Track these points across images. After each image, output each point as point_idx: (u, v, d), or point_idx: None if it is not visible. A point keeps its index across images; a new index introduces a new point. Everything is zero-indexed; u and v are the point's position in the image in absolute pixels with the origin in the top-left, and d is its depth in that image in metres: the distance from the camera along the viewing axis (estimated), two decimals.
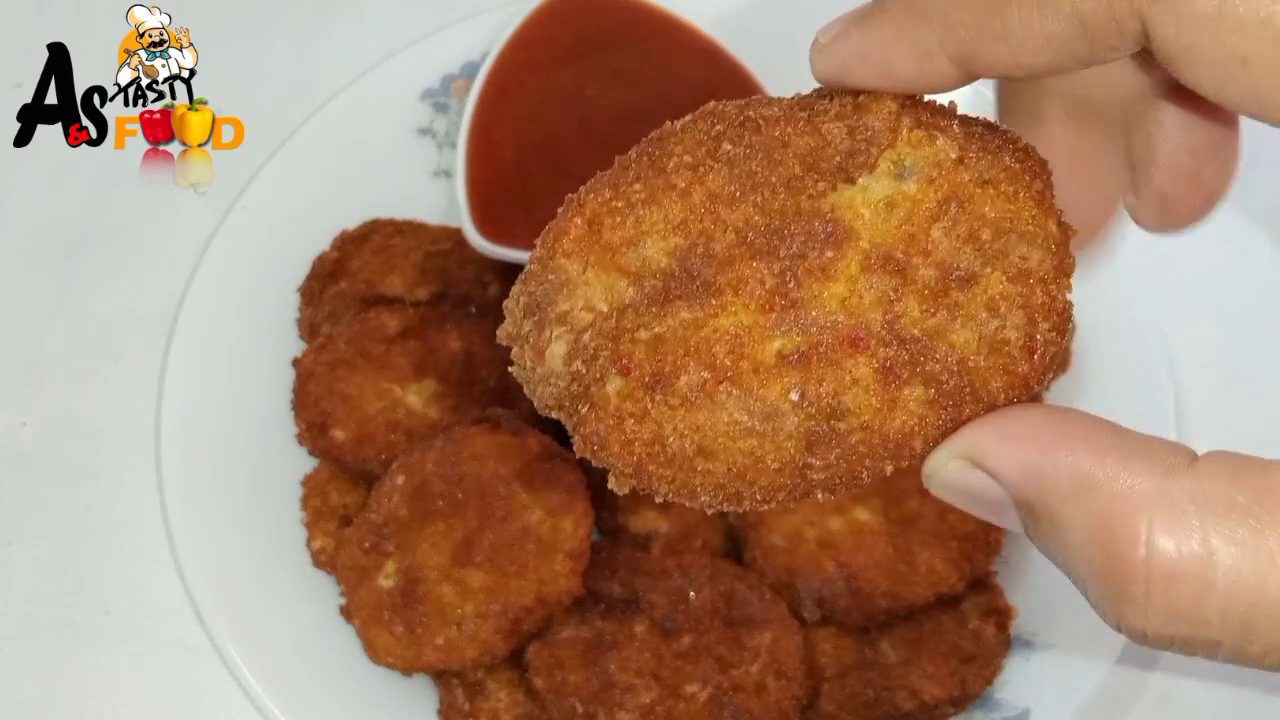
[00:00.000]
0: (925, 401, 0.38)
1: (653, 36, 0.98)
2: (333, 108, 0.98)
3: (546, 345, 0.41)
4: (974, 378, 0.38)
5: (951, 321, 0.38)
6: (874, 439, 0.38)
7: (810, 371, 0.38)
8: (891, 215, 0.39)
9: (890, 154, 0.40)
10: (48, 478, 0.92)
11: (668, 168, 0.41)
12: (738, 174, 0.40)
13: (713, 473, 0.39)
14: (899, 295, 0.38)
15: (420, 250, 0.95)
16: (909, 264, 0.38)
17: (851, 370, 0.38)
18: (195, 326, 0.90)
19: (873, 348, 0.38)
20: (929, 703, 0.79)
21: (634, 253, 0.40)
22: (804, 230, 0.39)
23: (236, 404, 0.89)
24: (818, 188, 0.39)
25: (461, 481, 0.79)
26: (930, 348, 0.38)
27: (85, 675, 0.86)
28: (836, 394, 0.38)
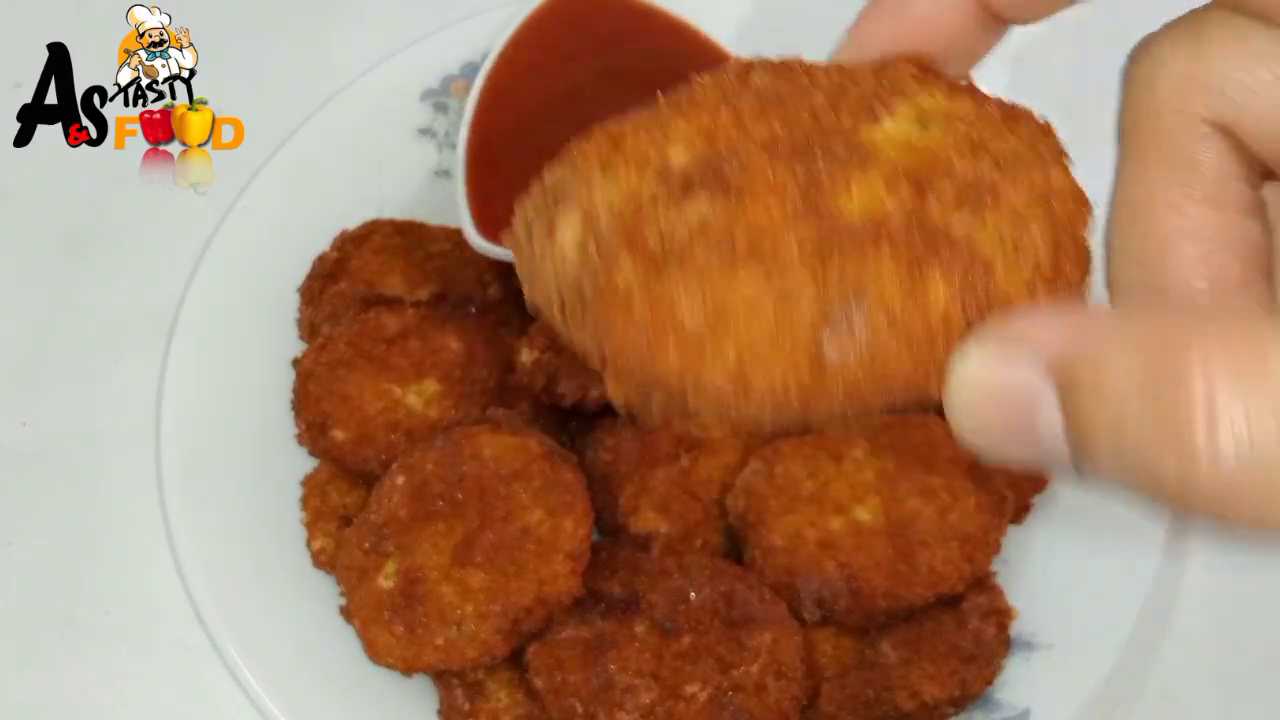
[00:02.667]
0: (948, 296, 0.36)
1: (653, 36, 0.98)
2: (333, 108, 0.98)
3: (559, 223, 0.39)
4: (999, 283, 0.37)
5: (978, 228, 0.37)
6: (896, 329, 0.36)
7: (832, 261, 0.36)
8: (912, 154, 0.38)
9: (912, 102, 0.39)
10: (48, 478, 0.92)
11: (695, 95, 0.41)
12: (766, 99, 0.39)
13: (723, 354, 0.36)
14: (923, 202, 0.37)
15: (420, 250, 0.95)
16: (932, 180, 0.37)
17: (874, 261, 0.36)
18: (195, 326, 0.90)
19: (897, 244, 0.36)
20: (929, 703, 0.79)
21: (656, 155, 0.39)
22: (828, 149, 0.38)
23: (236, 404, 0.89)
24: (843, 121, 0.39)
25: (461, 481, 0.79)
26: (958, 249, 0.36)
27: (85, 675, 0.86)
28: (858, 278, 0.36)
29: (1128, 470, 0.32)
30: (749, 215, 0.37)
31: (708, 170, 0.38)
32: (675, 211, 0.37)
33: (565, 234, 0.39)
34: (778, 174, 0.38)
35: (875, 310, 0.36)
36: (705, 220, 0.37)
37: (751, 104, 0.39)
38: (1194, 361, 0.31)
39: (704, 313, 0.36)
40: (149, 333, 0.93)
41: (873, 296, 0.36)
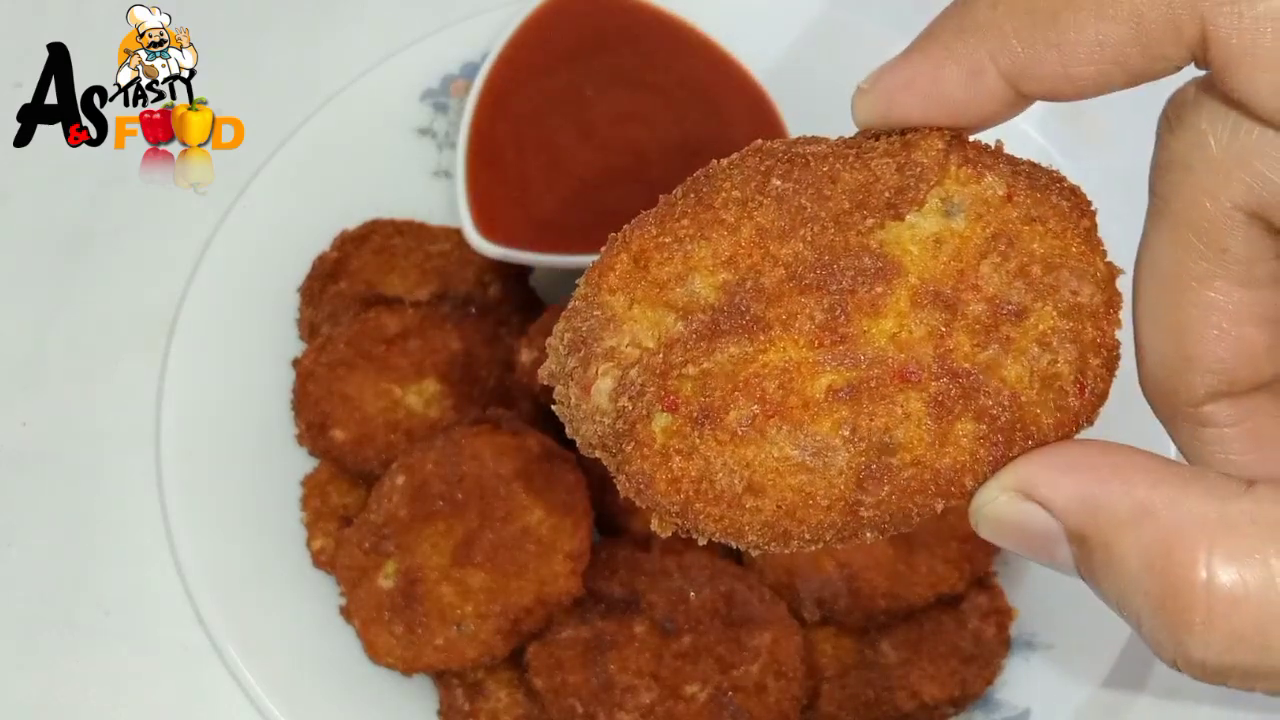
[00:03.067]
0: (977, 437, 0.38)
1: (653, 36, 0.98)
2: (333, 108, 0.98)
3: (592, 381, 0.40)
4: (1025, 413, 0.38)
5: (1003, 356, 0.38)
6: (925, 475, 0.38)
7: (861, 406, 0.37)
8: (940, 251, 0.39)
9: (938, 191, 0.39)
10: (48, 478, 0.92)
11: (715, 203, 0.40)
12: (787, 209, 0.39)
13: (761, 510, 0.38)
14: (949, 330, 0.38)
15: (420, 250, 0.95)
16: (959, 299, 0.38)
17: (903, 405, 0.37)
18: (195, 326, 0.90)
19: (924, 381, 0.37)
20: (929, 703, 0.79)
21: (681, 288, 0.40)
22: (853, 266, 0.38)
23: (236, 404, 0.89)
24: (866, 224, 0.39)
25: (461, 481, 0.79)
26: (982, 382, 0.38)
27: (85, 675, 0.86)
28: (888, 428, 0.37)
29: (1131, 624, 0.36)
30: (778, 357, 0.38)
31: (733, 309, 0.39)
32: (705, 358, 0.38)
33: (600, 391, 0.40)
34: (804, 304, 0.38)
35: (906, 461, 0.37)
36: (735, 368, 0.38)
37: (773, 219, 0.39)
38: (1198, 560, 0.34)
39: (741, 478, 0.38)
40: (149, 333, 0.93)
41: (903, 446, 0.37)
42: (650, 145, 0.93)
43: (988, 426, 0.37)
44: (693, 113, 0.95)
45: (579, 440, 0.41)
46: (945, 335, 0.38)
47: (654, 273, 0.40)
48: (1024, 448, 0.38)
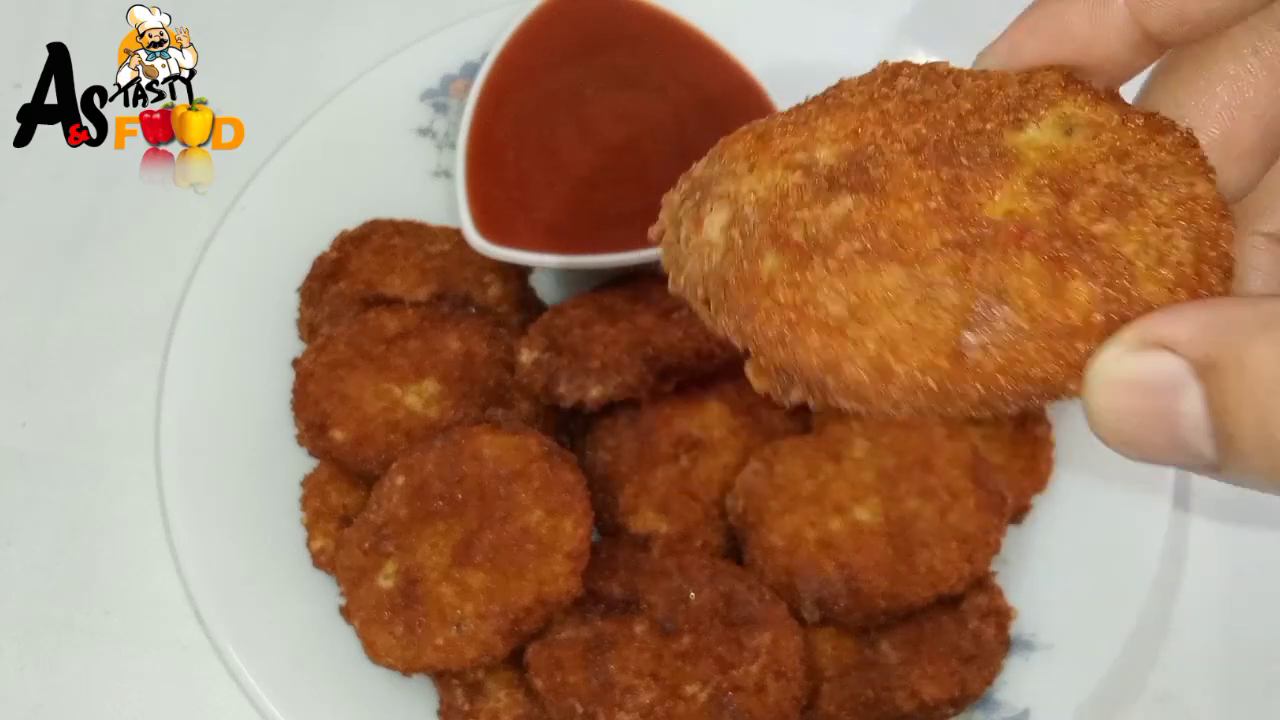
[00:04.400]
0: (1092, 298, 0.36)
1: (653, 36, 0.98)
2: (333, 108, 0.98)
3: (706, 215, 0.40)
4: (1141, 285, 0.36)
5: (1121, 229, 0.37)
6: (1036, 325, 0.36)
7: (974, 255, 0.36)
8: (1056, 159, 0.39)
9: (1056, 110, 0.40)
10: (48, 478, 0.92)
11: (843, 94, 0.41)
12: (912, 102, 0.40)
13: (864, 341, 0.36)
14: (1066, 208, 0.37)
15: (420, 250, 0.95)
16: (1075, 187, 0.38)
17: (1016, 260, 0.36)
18: (195, 326, 0.90)
19: (1039, 242, 0.36)
20: (929, 703, 0.79)
21: (803, 154, 0.40)
22: (973, 152, 0.39)
23: (236, 404, 0.89)
24: (987, 126, 0.39)
25: (461, 482, 0.79)
26: (1099, 246, 0.37)
27: (85, 675, 0.86)
28: (1002, 275, 0.36)
29: (1273, 459, 0.33)
30: (893, 213, 0.38)
31: (853, 168, 0.39)
32: (820, 207, 0.38)
33: (712, 224, 0.39)
34: (922, 174, 0.38)
35: (1017, 308, 0.36)
36: (849, 216, 0.38)
37: (898, 106, 0.40)
38: None
39: (846, 303, 0.37)
40: (149, 333, 0.93)
41: (1015, 295, 0.36)
42: (650, 145, 0.93)
43: (1103, 290, 0.36)
44: (693, 113, 0.94)
45: (679, 282, 0.40)
46: (1061, 211, 0.37)
47: (777, 143, 0.40)
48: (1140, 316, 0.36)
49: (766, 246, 0.38)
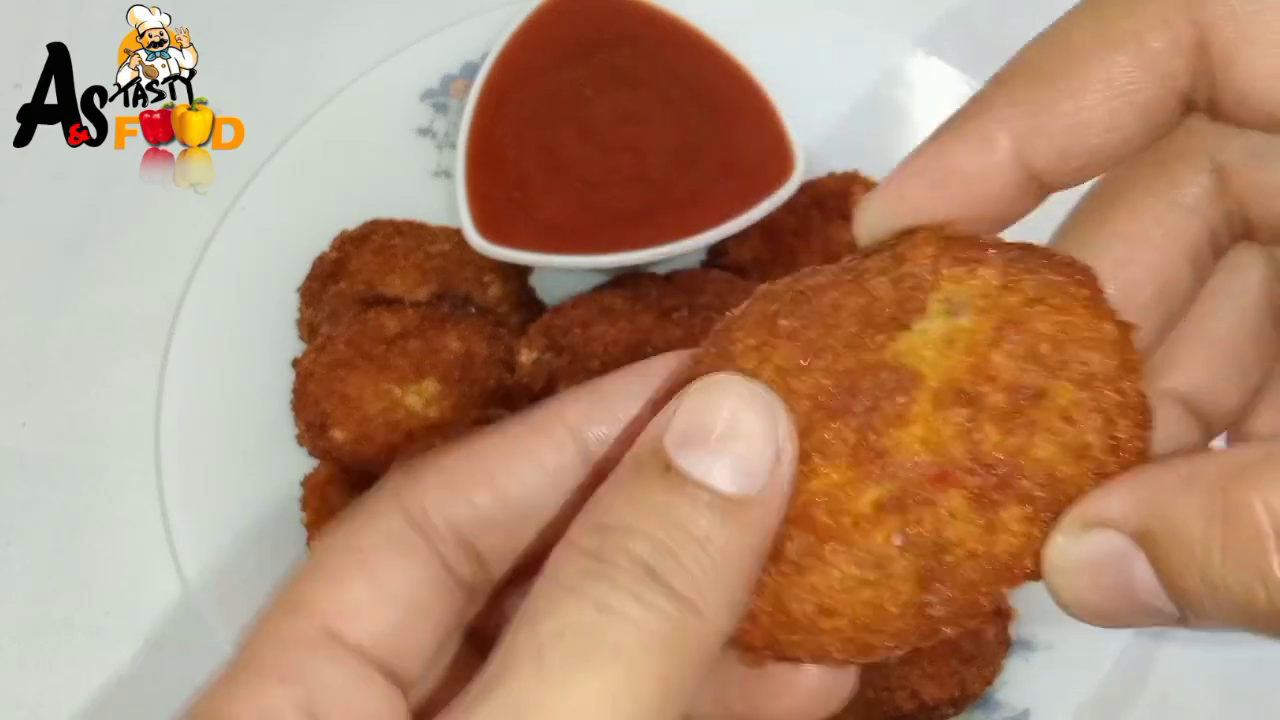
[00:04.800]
0: (1024, 518, 0.38)
1: (653, 36, 0.98)
2: (333, 108, 0.98)
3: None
4: (1066, 486, 0.38)
5: (1031, 438, 0.38)
6: (984, 564, 0.38)
7: (908, 514, 0.38)
8: (952, 351, 0.39)
9: (937, 294, 0.40)
10: (48, 478, 0.92)
11: (735, 354, 0.41)
12: (799, 345, 0.41)
13: (839, 629, 0.39)
14: (975, 424, 0.38)
15: (420, 250, 0.95)
16: (979, 393, 0.39)
17: (946, 505, 0.38)
18: (195, 326, 0.90)
19: (961, 479, 0.38)
20: (929, 703, 0.79)
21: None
22: (873, 383, 0.40)
23: (236, 404, 0.89)
24: (876, 340, 0.40)
25: None
26: (1016, 467, 0.38)
27: (85, 675, 0.86)
28: (937, 530, 0.38)
29: (1225, 607, 0.35)
30: (821, 486, 0.39)
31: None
32: None
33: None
34: (834, 430, 0.39)
35: (961, 556, 0.38)
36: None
37: (787, 356, 0.40)
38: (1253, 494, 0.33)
39: (811, 602, 0.39)
40: (149, 333, 0.93)
41: (956, 546, 0.38)
42: (650, 145, 0.93)
43: (1033, 507, 0.38)
44: (693, 113, 0.94)
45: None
46: (972, 429, 0.38)
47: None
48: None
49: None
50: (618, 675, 0.34)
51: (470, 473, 0.42)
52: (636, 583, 0.35)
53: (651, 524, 0.36)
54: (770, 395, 0.38)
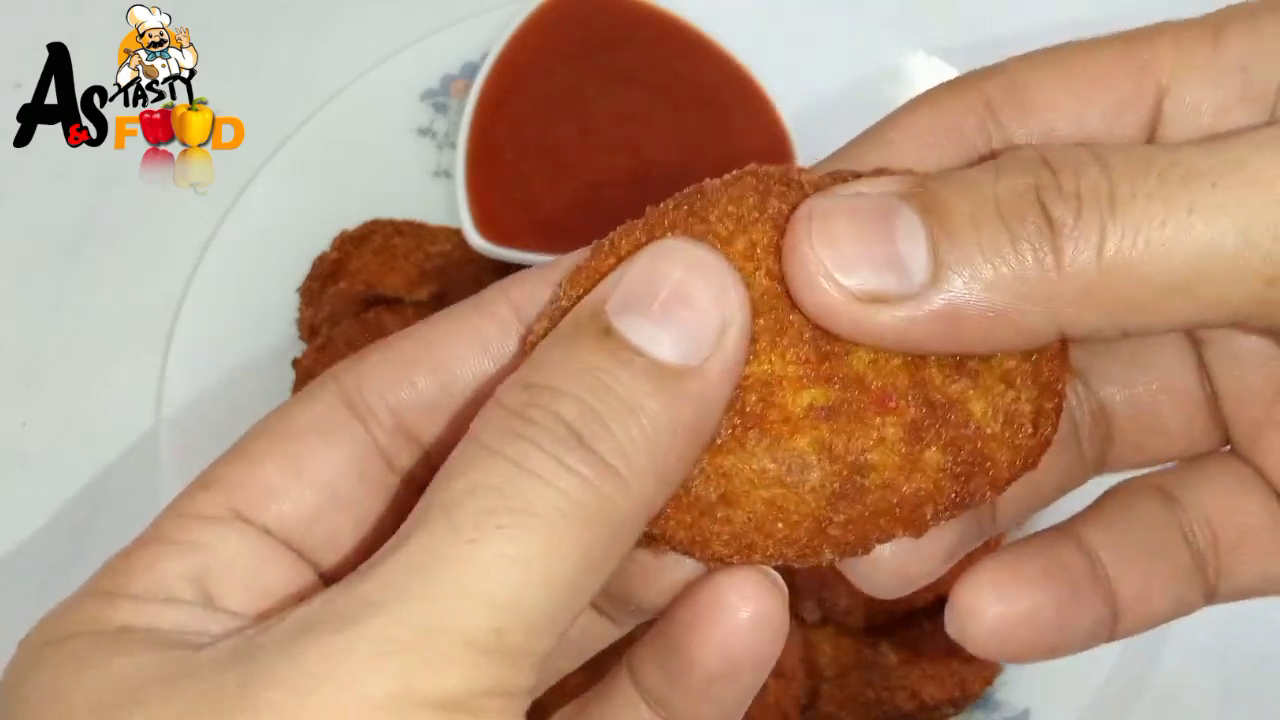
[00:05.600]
0: (941, 467, 0.38)
1: (653, 36, 0.98)
2: (333, 108, 0.98)
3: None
4: (987, 447, 0.38)
5: (971, 390, 0.38)
6: (892, 499, 0.38)
7: (839, 426, 0.37)
8: None
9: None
10: (48, 478, 0.92)
11: (710, 217, 0.40)
12: (782, 229, 0.39)
13: (731, 521, 0.38)
14: (922, 362, 0.38)
15: (420, 250, 0.95)
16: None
17: (879, 429, 0.38)
18: (195, 326, 0.90)
19: (901, 409, 0.38)
20: (929, 703, 0.79)
21: None
22: None
23: (236, 404, 0.89)
24: None
25: None
26: (953, 413, 0.38)
27: None
28: (864, 450, 0.38)
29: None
30: (761, 371, 0.38)
31: None
32: None
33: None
34: (793, 323, 0.38)
35: (876, 485, 0.38)
36: None
37: (769, 235, 0.39)
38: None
39: (717, 485, 0.38)
40: (149, 333, 0.93)
41: (875, 471, 0.38)
42: (650, 145, 0.93)
43: (952, 459, 0.38)
44: (693, 113, 0.94)
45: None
46: (919, 367, 0.38)
47: None
48: (980, 484, 0.39)
49: None
50: (531, 537, 0.32)
51: (412, 354, 0.41)
52: (559, 445, 0.33)
53: (581, 386, 0.34)
54: (723, 263, 0.36)
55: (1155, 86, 0.39)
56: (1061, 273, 0.34)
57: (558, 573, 0.32)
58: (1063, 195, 0.35)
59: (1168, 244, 0.34)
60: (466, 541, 0.32)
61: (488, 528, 0.32)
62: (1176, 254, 0.34)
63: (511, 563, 0.32)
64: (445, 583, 0.32)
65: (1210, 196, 0.34)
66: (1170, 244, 0.34)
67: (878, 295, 0.36)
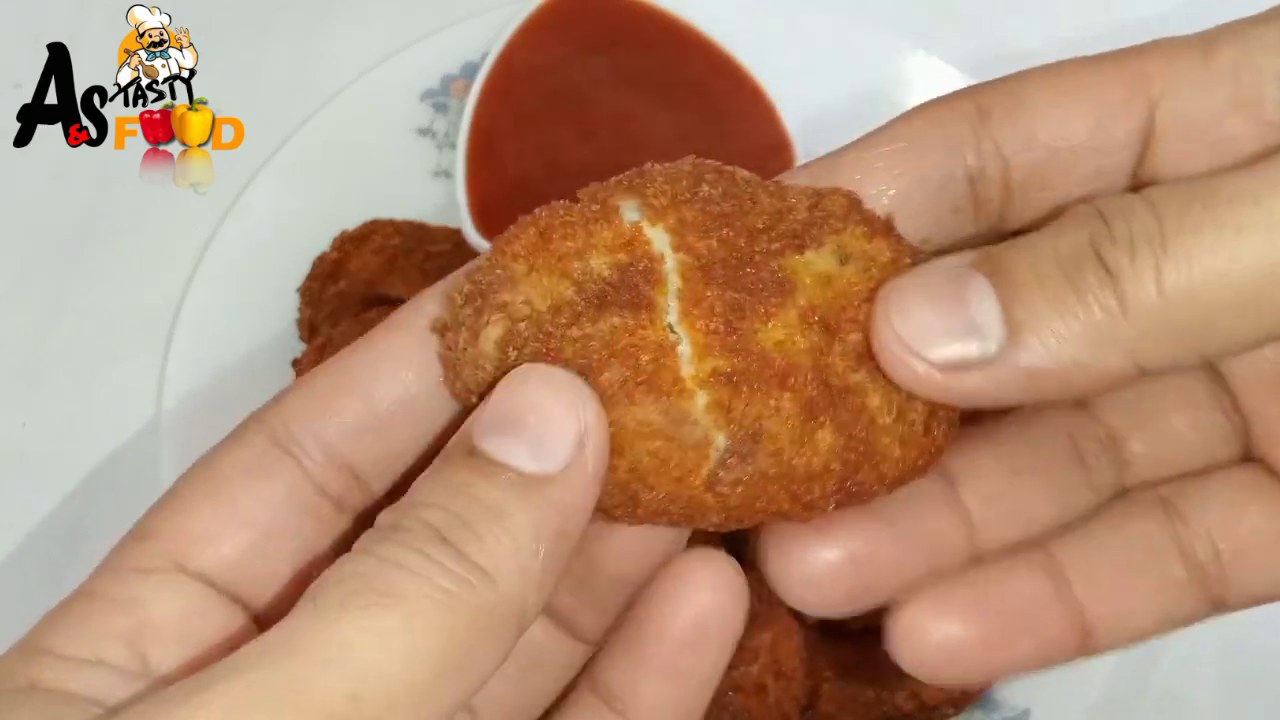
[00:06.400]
0: (833, 448, 0.39)
1: (653, 36, 0.98)
2: (333, 108, 0.98)
3: (482, 328, 0.41)
4: (877, 439, 0.40)
5: (870, 383, 0.40)
6: (782, 469, 0.39)
7: (738, 392, 0.39)
8: (828, 288, 0.41)
9: (836, 239, 0.42)
10: (48, 478, 0.92)
11: (647, 192, 0.42)
12: (711, 213, 0.41)
13: (615, 469, 0.39)
14: (828, 350, 0.40)
15: (420, 250, 0.95)
16: (840, 327, 0.40)
17: (777, 400, 0.39)
18: (195, 326, 0.90)
19: (801, 386, 0.39)
20: (929, 703, 0.79)
21: (580, 262, 0.41)
22: (755, 275, 0.40)
23: (236, 404, 0.88)
24: (773, 246, 0.41)
25: None
26: (848, 400, 0.40)
27: None
28: (760, 416, 0.39)
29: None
30: (656, 336, 0.39)
31: (625, 284, 0.40)
32: (589, 324, 0.40)
33: (487, 338, 0.40)
34: (709, 293, 0.40)
35: (768, 452, 0.39)
36: (614, 338, 0.39)
37: (697, 216, 0.41)
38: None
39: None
40: (149, 333, 0.93)
41: (768, 439, 0.39)
42: (650, 145, 0.93)
43: (845, 442, 0.39)
44: (693, 113, 0.94)
45: (458, 385, 0.42)
46: (824, 353, 0.40)
47: (556, 245, 0.42)
48: (868, 476, 0.40)
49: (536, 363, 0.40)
50: (392, 615, 0.33)
51: (332, 383, 0.42)
52: (425, 543, 0.35)
53: (447, 498, 0.36)
54: (575, 381, 0.38)
55: (1146, 97, 0.40)
56: (1128, 315, 0.36)
57: (420, 649, 0.33)
58: (1115, 241, 0.36)
59: (1223, 266, 0.35)
60: (328, 619, 0.33)
61: (351, 607, 0.33)
62: (1234, 274, 0.35)
63: (371, 634, 0.33)
64: (303, 652, 0.33)
65: (1256, 215, 0.35)
66: (1226, 266, 0.35)
67: (959, 363, 0.38)
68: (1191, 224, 0.36)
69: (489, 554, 0.35)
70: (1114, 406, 0.46)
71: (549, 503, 0.37)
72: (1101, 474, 0.46)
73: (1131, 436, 0.46)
